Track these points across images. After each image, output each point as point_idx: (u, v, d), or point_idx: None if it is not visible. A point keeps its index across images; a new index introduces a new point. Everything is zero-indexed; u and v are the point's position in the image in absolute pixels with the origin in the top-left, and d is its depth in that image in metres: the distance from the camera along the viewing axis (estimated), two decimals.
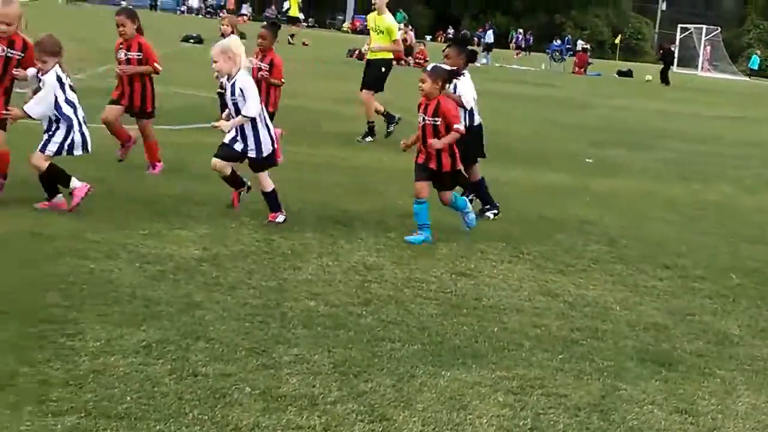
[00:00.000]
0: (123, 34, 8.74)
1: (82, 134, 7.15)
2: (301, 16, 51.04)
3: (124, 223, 6.90)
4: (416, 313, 5.57)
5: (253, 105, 7.20)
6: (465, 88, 8.05)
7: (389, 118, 13.36)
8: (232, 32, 12.87)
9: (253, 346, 4.71)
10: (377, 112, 13.24)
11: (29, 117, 7.07)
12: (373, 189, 9.40)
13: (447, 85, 7.41)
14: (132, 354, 4.42)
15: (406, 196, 9.08)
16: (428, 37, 65.22)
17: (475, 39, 53.44)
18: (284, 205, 7.51)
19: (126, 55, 8.77)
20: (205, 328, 4.89)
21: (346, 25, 73.27)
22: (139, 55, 8.75)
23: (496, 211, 8.50)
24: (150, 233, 6.69)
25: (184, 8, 71.47)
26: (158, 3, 75.14)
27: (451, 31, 75.52)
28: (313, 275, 6.13)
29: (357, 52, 35.30)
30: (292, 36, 39.90)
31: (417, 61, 34.85)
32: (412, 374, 4.57)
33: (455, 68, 7.63)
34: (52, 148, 7.02)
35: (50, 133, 7.04)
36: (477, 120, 8.29)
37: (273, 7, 77.42)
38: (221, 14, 73.57)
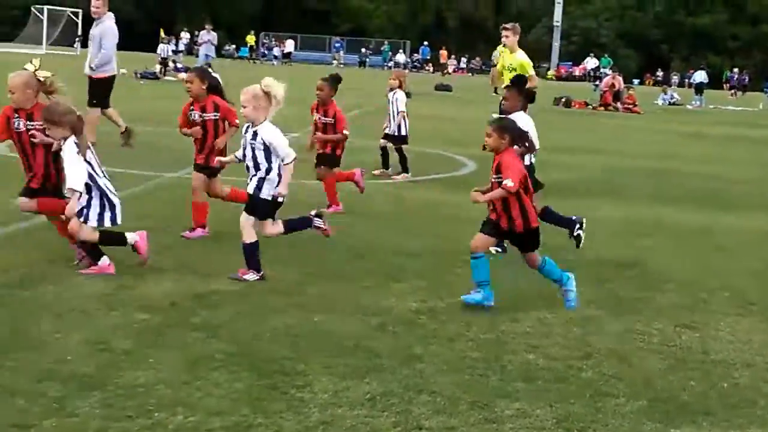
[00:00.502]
0: (189, 92, 8.21)
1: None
2: None
3: (343, 275, 7.11)
4: (639, 367, 5.41)
5: (289, 151, 6.95)
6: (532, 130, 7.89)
7: None
8: (400, 87, 13.18)
9: (475, 399, 4.72)
10: None
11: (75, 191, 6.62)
12: (588, 239, 9.23)
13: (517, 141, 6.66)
14: (358, 406, 4.53)
15: (622, 246, 8.89)
16: (635, 81, 63.93)
17: (685, 81, 51.85)
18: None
19: (201, 116, 8.15)
20: (426, 380, 4.95)
21: (550, 73, 72.96)
22: (215, 115, 8.16)
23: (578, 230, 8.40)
24: (368, 285, 6.86)
25: (391, 63, 73.38)
26: (367, 60, 77.64)
27: (660, 73, 73.72)
28: (531, 327, 6.08)
29: (564, 100, 35.04)
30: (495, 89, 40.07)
31: (626, 106, 34.22)
32: (639, 431, 4.44)
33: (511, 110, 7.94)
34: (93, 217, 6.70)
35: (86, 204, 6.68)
36: (526, 161, 7.90)
37: (478, 58, 78.31)
38: (426, 68, 75.19)
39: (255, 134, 6.91)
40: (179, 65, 40.22)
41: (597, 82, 50.05)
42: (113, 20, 14.64)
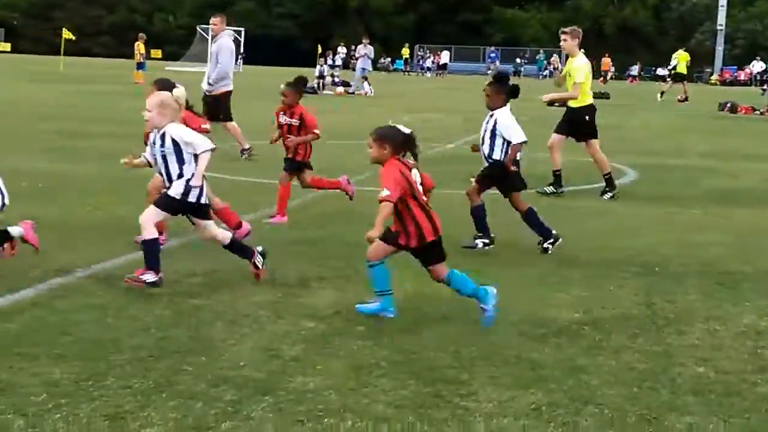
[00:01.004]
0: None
1: None
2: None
3: (505, 285, 7.09)
4: None
5: (202, 141, 6.89)
6: (514, 125, 8.43)
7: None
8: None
9: (643, 412, 4.62)
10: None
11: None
12: (760, 249, 8.89)
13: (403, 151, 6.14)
14: (523, 416, 4.52)
15: None
16: None
17: None
18: (660, 265, 7.34)
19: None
20: (592, 392, 4.88)
21: (714, 78, 70.51)
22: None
23: (552, 240, 8.31)
24: (530, 297, 6.83)
25: (546, 72, 72.61)
26: (521, 70, 77.12)
27: None
28: (700, 340, 5.90)
29: (729, 105, 33.82)
30: (662, 93, 39.09)
31: None
32: None
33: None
34: None
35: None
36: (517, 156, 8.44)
37: (637, 64, 76.44)
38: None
39: (162, 138, 6.83)
40: (337, 79, 40.99)
41: (765, 87, 48.04)
42: (230, 37, 15.31)
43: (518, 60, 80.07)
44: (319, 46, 56.43)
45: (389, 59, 77.70)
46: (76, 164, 13.18)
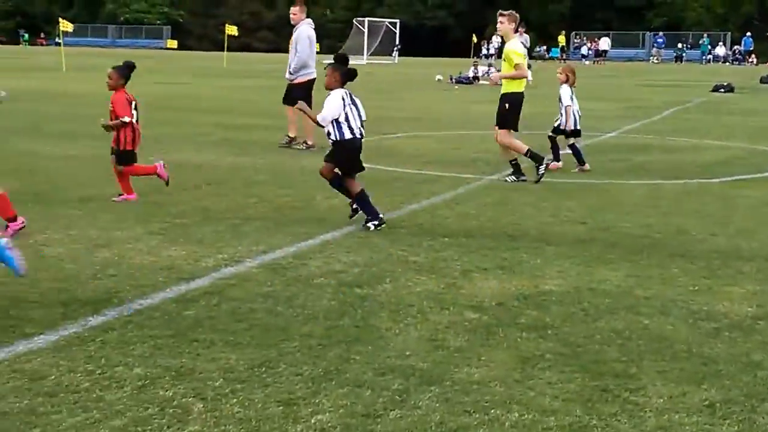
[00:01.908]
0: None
1: None
2: None
3: (672, 278, 6.92)
4: None
5: None
6: (329, 103, 8.38)
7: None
8: (566, 82, 12.94)
9: None
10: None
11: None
12: None
13: None
14: (696, 413, 4.40)
15: None
16: None
17: None
18: None
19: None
20: None
21: None
22: None
23: (377, 222, 8.42)
24: (699, 289, 6.63)
25: (710, 57, 70.10)
26: (683, 55, 74.61)
27: None
28: None
29: None
30: None
31: None
32: None
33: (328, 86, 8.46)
34: None
35: None
36: (348, 135, 8.41)
37: None
38: (749, 60, 70.85)
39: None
40: (492, 69, 40.78)
41: None
42: (310, 26, 15.19)
43: (680, 45, 77.52)
44: (473, 36, 56.28)
45: (545, 47, 76.65)
46: (240, 156, 13.63)
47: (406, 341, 5.38)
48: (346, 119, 8.37)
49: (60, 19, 43.18)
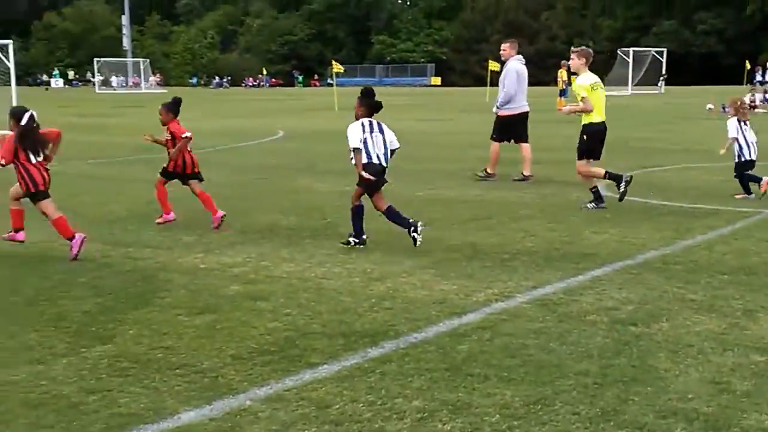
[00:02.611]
0: None
1: None
2: None
3: None
4: None
5: None
6: (349, 131, 9.21)
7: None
8: (735, 114, 13.18)
9: None
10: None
11: None
12: None
13: None
14: None
15: None
16: None
17: None
18: None
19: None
20: None
21: None
22: None
23: (357, 241, 9.26)
24: None
25: None
26: None
27: None
28: None
29: None
30: None
31: None
32: None
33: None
34: None
35: None
36: (365, 159, 9.08)
37: None
38: None
39: None
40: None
41: None
42: (519, 62, 15.59)
43: None
44: (746, 62, 53.63)
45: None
46: (507, 191, 13.67)
47: (687, 383, 5.16)
48: (365, 145, 9.06)
49: (333, 62, 45.53)
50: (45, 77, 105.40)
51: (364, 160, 9.04)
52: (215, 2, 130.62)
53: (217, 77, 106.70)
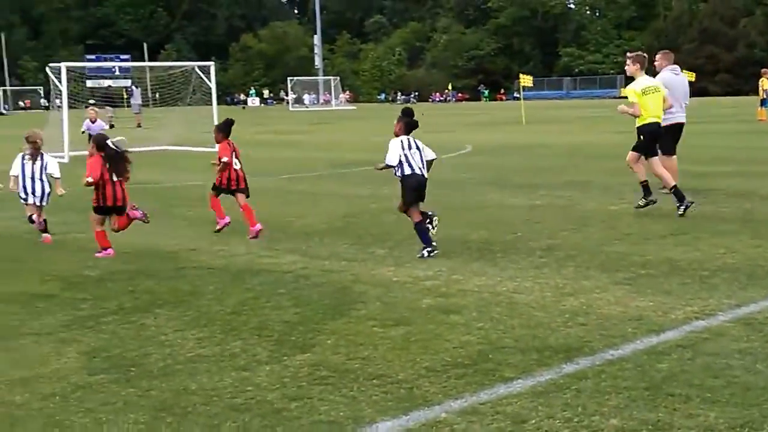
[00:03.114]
0: None
1: None
2: None
3: None
4: None
5: None
6: (390, 148, 9.89)
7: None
8: None
9: None
10: None
11: None
12: None
13: None
14: None
15: None
16: None
17: None
18: None
19: None
20: None
21: None
22: None
23: (430, 249, 9.71)
24: None
25: None
26: None
27: None
28: None
29: None
30: None
31: None
32: None
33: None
34: None
35: None
36: (408, 171, 9.76)
37: None
38: None
39: None
40: None
41: None
42: (671, 73, 14.81)
43: None
44: None
45: None
46: (704, 205, 13.13)
47: None
48: (406, 159, 9.81)
49: (520, 75, 45.34)
50: (242, 96, 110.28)
51: (407, 171, 9.81)
52: (403, 19, 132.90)
53: (400, 93, 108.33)
